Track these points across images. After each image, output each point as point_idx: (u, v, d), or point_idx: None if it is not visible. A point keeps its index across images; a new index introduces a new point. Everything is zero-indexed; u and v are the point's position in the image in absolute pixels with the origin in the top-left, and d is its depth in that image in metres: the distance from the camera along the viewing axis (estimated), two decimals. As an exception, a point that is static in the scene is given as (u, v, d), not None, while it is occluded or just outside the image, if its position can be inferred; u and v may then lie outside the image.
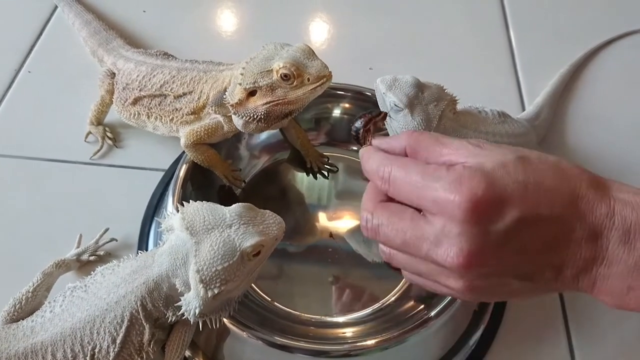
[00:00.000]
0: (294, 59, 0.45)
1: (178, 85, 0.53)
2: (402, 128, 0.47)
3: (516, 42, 0.75)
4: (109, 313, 0.39)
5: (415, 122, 0.46)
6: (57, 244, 0.53)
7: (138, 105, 0.56)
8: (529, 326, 0.50)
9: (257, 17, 0.79)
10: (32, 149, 0.61)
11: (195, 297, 0.37)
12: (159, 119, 0.55)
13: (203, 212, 0.39)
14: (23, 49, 0.71)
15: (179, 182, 0.50)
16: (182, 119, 0.53)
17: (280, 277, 0.52)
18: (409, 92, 0.46)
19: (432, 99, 0.47)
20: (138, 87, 0.55)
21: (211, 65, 0.54)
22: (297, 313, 0.49)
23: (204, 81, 0.52)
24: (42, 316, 0.41)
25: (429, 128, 0.46)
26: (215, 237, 0.37)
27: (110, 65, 0.61)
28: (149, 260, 0.40)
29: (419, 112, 0.46)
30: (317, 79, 0.45)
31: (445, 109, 0.48)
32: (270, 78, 0.45)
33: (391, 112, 0.47)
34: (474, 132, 0.50)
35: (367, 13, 0.79)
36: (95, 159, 0.60)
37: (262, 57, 0.47)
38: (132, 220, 0.55)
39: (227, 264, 0.37)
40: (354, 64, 0.71)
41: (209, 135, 0.51)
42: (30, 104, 0.66)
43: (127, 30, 0.73)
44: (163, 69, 0.55)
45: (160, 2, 0.79)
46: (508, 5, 0.80)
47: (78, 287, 0.41)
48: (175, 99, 0.53)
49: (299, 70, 0.45)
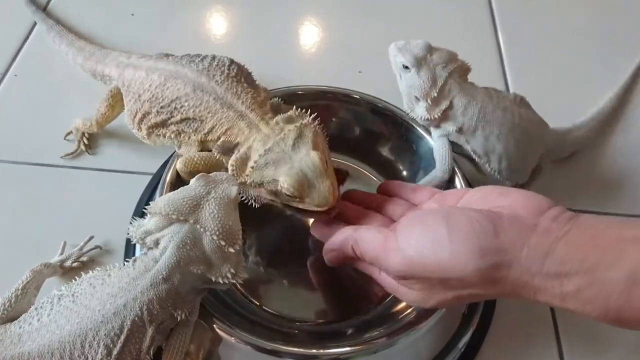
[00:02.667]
0: (300, 181, 0.43)
1: (190, 105, 0.49)
2: (409, 87, 0.49)
3: (504, 46, 0.75)
4: (105, 325, 0.38)
5: (421, 80, 0.48)
6: (42, 249, 0.52)
7: (144, 123, 0.52)
8: (518, 328, 0.50)
9: (246, 20, 0.79)
10: (17, 153, 0.61)
11: (224, 263, 0.39)
12: (162, 136, 0.52)
13: (175, 198, 0.40)
14: (9, 53, 0.70)
15: (166, 187, 0.50)
16: (186, 141, 0.51)
17: (269, 281, 0.51)
18: (417, 53, 0.48)
19: (440, 61, 0.48)
20: (148, 102, 0.51)
21: (232, 95, 0.49)
22: (286, 317, 0.49)
23: (218, 117, 0.48)
24: (30, 323, 0.40)
25: (433, 87, 0.48)
26: (208, 206, 0.40)
27: (118, 78, 0.57)
28: (150, 263, 0.40)
29: (426, 72, 0.48)
30: (317, 206, 0.44)
31: (453, 72, 0.49)
32: (275, 186, 0.45)
33: (401, 73, 0.49)
34: (490, 99, 0.50)
35: (356, 16, 0.79)
36: (66, 159, 0.60)
37: (275, 155, 0.45)
38: (119, 225, 0.54)
39: (233, 216, 0.41)
40: (343, 67, 0.71)
41: (206, 167, 0.49)
42: (16, 108, 0.65)
43: (115, 33, 0.73)
44: (177, 80, 0.50)
45: (149, 5, 0.79)
46: (497, 9, 0.80)
47: (65, 296, 0.40)
48: (182, 121, 0.50)
49: (302, 193, 0.44)
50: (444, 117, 0.50)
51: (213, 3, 0.81)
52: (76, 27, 0.72)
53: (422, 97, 0.49)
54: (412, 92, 0.50)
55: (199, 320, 0.43)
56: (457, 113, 0.50)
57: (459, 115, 0.50)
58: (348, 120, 0.59)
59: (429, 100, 0.49)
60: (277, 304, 0.49)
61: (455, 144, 0.52)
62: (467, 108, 0.49)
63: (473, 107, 0.49)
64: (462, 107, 0.49)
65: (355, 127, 0.59)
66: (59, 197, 0.58)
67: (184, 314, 0.40)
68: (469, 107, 0.49)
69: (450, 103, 0.50)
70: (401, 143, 0.57)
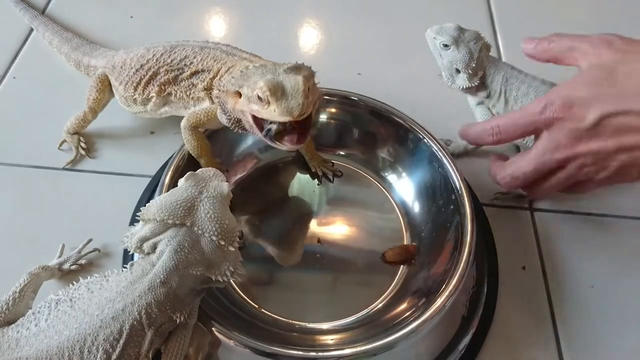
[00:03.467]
0: (275, 86, 0.44)
1: (199, 60, 0.53)
2: (450, 61, 0.57)
3: (503, 46, 0.75)
4: (104, 330, 0.38)
5: (461, 54, 0.56)
6: (40, 251, 0.52)
7: (152, 84, 0.56)
8: (518, 331, 0.50)
9: (245, 22, 0.79)
10: (16, 155, 0.61)
11: (223, 261, 0.39)
12: (173, 94, 0.55)
13: (168, 202, 0.40)
14: (8, 55, 0.70)
15: (164, 190, 0.50)
16: (196, 95, 0.54)
17: (267, 283, 0.51)
18: (453, 33, 0.57)
19: (472, 38, 0.57)
20: (156, 65, 0.55)
21: (235, 49, 0.54)
22: (284, 320, 0.49)
23: (223, 62, 0.52)
24: (28, 328, 0.40)
25: (472, 59, 0.56)
26: (203, 207, 0.40)
27: (104, 66, 0.61)
28: (147, 267, 0.40)
29: (463, 47, 0.56)
30: (280, 115, 0.44)
31: (482, 47, 0.57)
32: (252, 91, 0.46)
33: (441, 51, 0.57)
34: (510, 68, 0.58)
35: (356, 19, 0.79)
36: (68, 167, 0.60)
37: (267, 69, 0.47)
38: (117, 227, 0.53)
39: (228, 215, 0.41)
40: (342, 69, 0.71)
41: (208, 119, 0.52)
42: (15, 110, 0.65)
43: (114, 35, 0.73)
44: (185, 46, 0.55)
45: (148, 8, 0.79)
46: (495, 10, 0.80)
47: (63, 301, 0.40)
48: (193, 75, 0.54)
49: (271, 99, 0.44)
50: (480, 85, 0.58)
51: (211, 5, 0.81)
52: (75, 29, 0.72)
53: (463, 68, 0.57)
54: (453, 65, 0.57)
55: (198, 323, 0.43)
56: (487, 81, 0.58)
57: (488, 83, 0.58)
58: (347, 122, 0.59)
59: (470, 70, 0.57)
60: (276, 307, 0.49)
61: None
62: (495, 75, 0.57)
63: (498, 74, 0.57)
64: (491, 75, 0.58)
65: (354, 129, 0.59)
66: (58, 199, 0.57)
67: (183, 317, 0.40)
68: (496, 74, 0.57)
69: (483, 72, 0.57)
70: (400, 145, 0.57)
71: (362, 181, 0.59)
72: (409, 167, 0.57)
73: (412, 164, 0.57)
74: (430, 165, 0.55)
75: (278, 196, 0.58)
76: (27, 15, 0.73)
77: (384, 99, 0.58)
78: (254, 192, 0.57)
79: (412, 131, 0.56)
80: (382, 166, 0.59)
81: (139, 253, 0.41)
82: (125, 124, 0.63)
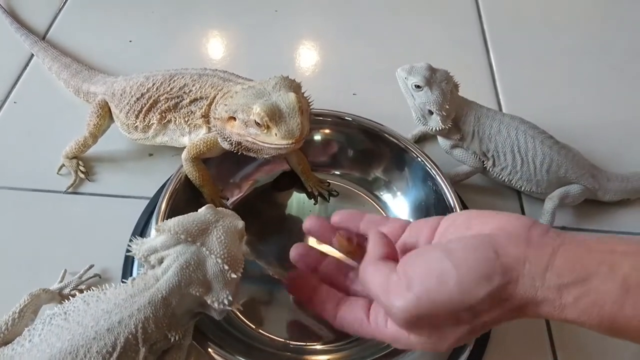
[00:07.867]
0: (272, 110, 0.46)
1: (197, 88, 0.55)
2: (423, 102, 0.56)
3: (497, 67, 0.76)
4: (97, 342, 0.38)
5: (434, 95, 0.55)
6: (39, 275, 0.52)
7: (153, 112, 0.57)
8: (515, 348, 0.50)
9: (243, 45, 0.80)
10: (16, 178, 0.61)
11: (223, 287, 0.40)
12: (173, 121, 0.56)
13: (185, 221, 0.41)
14: (9, 80, 0.72)
15: (161, 213, 0.50)
16: (193, 122, 0.55)
17: (265, 304, 0.52)
18: (425, 74, 0.55)
19: (443, 79, 0.56)
20: (156, 93, 0.56)
21: (232, 76, 0.55)
22: (282, 340, 0.49)
23: (219, 88, 0.54)
24: (22, 345, 0.40)
25: (445, 100, 0.55)
26: (216, 232, 0.41)
27: (103, 93, 0.61)
28: (150, 281, 0.40)
29: (436, 88, 0.55)
30: (282, 139, 0.46)
31: (452, 87, 0.56)
32: (247, 116, 0.47)
33: (414, 92, 0.56)
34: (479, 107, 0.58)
35: (351, 40, 0.80)
36: (69, 191, 0.60)
37: (256, 90, 0.48)
38: (116, 251, 0.54)
39: (237, 245, 0.42)
40: (338, 90, 0.72)
41: (208, 148, 0.53)
42: (15, 134, 0.66)
43: (114, 59, 0.74)
44: (184, 74, 0.56)
45: (146, 32, 0.80)
46: (488, 31, 0.81)
47: (57, 315, 0.40)
48: (191, 102, 0.55)
49: (270, 124, 0.46)
50: (453, 127, 0.57)
51: (209, 29, 0.82)
52: (75, 55, 0.74)
53: (437, 110, 0.56)
54: (426, 107, 0.56)
55: (194, 343, 0.43)
56: (460, 122, 0.57)
57: (461, 125, 0.57)
58: (342, 142, 0.60)
59: (443, 111, 0.55)
60: (273, 327, 0.49)
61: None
62: (468, 115, 0.57)
63: (470, 114, 0.57)
64: (463, 116, 0.57)
65: (349, 149, 0.60)
66: (57, 222, 0.58)
67: (178, 336, 0.40)
68: (469, 114, 0.57)
69: (455, 113, 0.57)
70: (395, 164, 0.58)
71: (358, 200, 0.59)
72: (403, 186, 0.58)
73: (406, 183, 0.57)
74: (425, 184, 0.55)
75: (276, 216, 0.59)
76: (27, 41, 0.74)
77: (379, 119, 0.59)
78: (251, 213, 0.57)
79: (407, 150, 0.57)
80: (377, 185, 0.59)
81: (144, 263, 0.41)
82: (123, 147, 0.64)
